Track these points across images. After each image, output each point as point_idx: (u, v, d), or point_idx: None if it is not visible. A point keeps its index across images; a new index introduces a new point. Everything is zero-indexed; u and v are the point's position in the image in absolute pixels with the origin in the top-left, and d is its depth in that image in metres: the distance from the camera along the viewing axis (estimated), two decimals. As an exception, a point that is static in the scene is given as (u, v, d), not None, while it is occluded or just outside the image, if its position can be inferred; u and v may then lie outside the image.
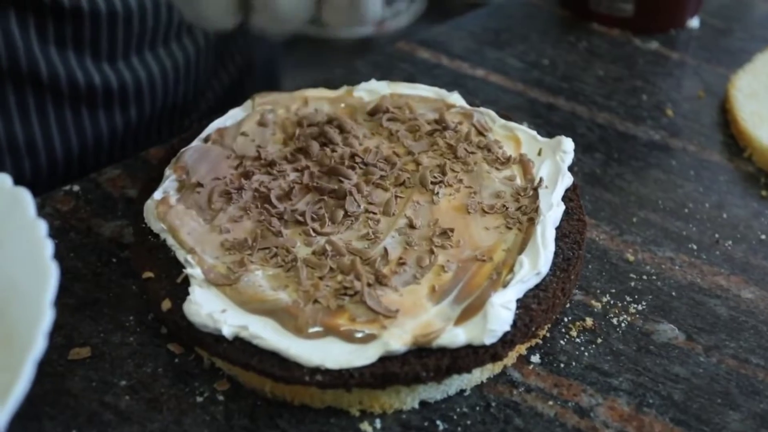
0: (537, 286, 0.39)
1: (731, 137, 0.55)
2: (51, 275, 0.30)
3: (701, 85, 0.60)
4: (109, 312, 0.41)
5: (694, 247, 0.46)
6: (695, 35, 0.66)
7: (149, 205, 0.41)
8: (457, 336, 0.36)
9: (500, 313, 0.36)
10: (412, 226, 0.41)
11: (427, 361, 0.36)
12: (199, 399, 0.38)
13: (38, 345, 0.27)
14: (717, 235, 0.47)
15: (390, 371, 0.35)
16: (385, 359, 0.35)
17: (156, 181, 0.44)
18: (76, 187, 0.49)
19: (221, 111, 0.50)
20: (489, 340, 0.36)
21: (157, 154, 0.51)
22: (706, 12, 0.68)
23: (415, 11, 1.42)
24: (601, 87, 0.60)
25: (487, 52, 0.63)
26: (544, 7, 0.69)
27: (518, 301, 0.38)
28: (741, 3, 0.70)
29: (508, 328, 0.36)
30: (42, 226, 0.32)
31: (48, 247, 0.31)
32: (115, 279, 0.43)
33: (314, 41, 1.39)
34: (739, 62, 0.62)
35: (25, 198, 0.33)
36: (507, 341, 0.37)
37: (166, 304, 0.38)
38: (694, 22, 0.67)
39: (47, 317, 0.28)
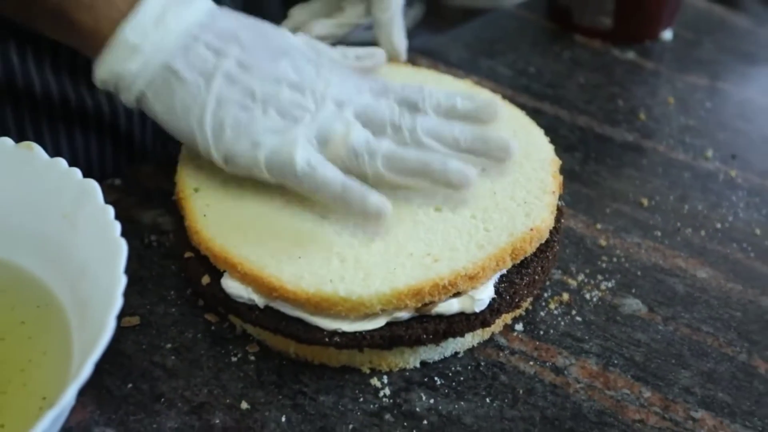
0: (520, 265, 0.46)
1: (695, 139, 0.62)
2: (122, 249, 0.36)
3: (672, 92, 0.67)
4: (153, 287, 0.48)
5: (659, 234, 0.53)
6: (668, 46, 0.73)
7: None
8: (452, 305, 0.43)
9: (486, 285, 0.43)
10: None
11: (427, 326, 0.42)
12: (234, 359, 0.44)
13: (117, 303, 0.34)
14: (679, 224, 0.54)
15: (396, 334, 0.42)
16: (392, 324, 0.42)
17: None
18: (117, 181, 0.56)
19: None
20: (478, 308, 0.43)
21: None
22: (679, 25, 0.75)
23: (414, 17, 1.48)
24: (582, 93, 0.67)
25: (480, 61, 0.70)
26: (533, 20, 0.76)
27: (503, 277, 0.45)
28: (711, 17, 0.77)
29: (493, 295, 0.43)
30: (110, 211, 0.39)
31: (117, 227, 0.38)
32: (156, 260, 0.50)
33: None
34: (708, 72, 0.69)
35: (95, 187, 0.40)
36: (494, 310, 0.44)
37: (205, 279, 0.45)
38: (667, 35, 0.74)
39: (122, 281, 0.35)
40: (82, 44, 0.46)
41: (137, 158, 0.63)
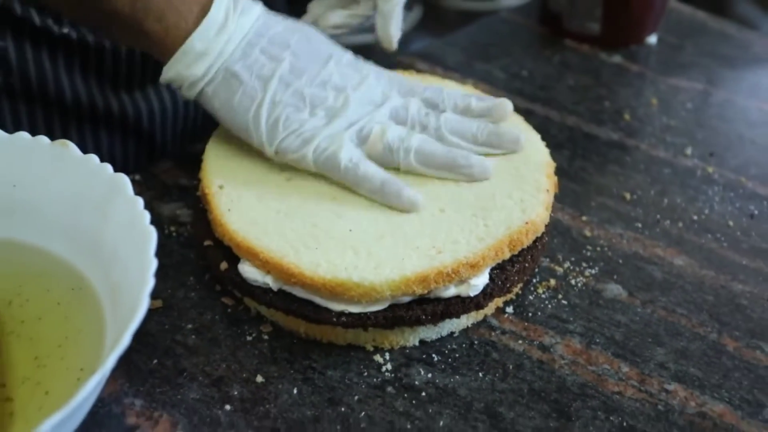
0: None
1: (676, 137, 0.66)
2: (152, 236, 0.41)
3: (655, 93, 0.72)
4: (174, 274, 0.52)
5: (640, 225, 0.57)
6: (653, 50, 0.77)
7: None
8: (449, 289, 0.47)
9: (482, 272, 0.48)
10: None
11: (426, 307, 0.47)
12: (249, 338, 0.49)
13: (150, 282, 0.38)
14: (658, 216, 0.58)
15: (397, 315, 0.46)
16: (394, 306, 0.46)
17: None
18: (137, 177, 0.60)
19: None
20: (473, 293, 0.47)
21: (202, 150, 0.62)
22: (663, 30, 0.79)
23: (412, 21, 1.53)
24: (571, 95, 0.71)
25: (476, 65, 0.75)
26: (525, 25, 0.81)
27: (497, 264, 0.49)
28: (693, 22, 0.82)
29: (487, 281, 0.47)
30: (140, 202, 0.43)
31: (147, 216, 0.42)
32: (176, 249, 0.54)
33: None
34: (690, 74, 0.73)
35: (125, 181, 0.44)
36: (487, 294, 0.48)
37: (223, 265, 0.49)
38: (652, 39, 0.78)
39: (153, 263, 0.39)
40: (152, 50, 0.51)
41: (157, 155, 0.67)
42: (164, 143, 0.68)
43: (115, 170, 0.45)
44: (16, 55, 0.59)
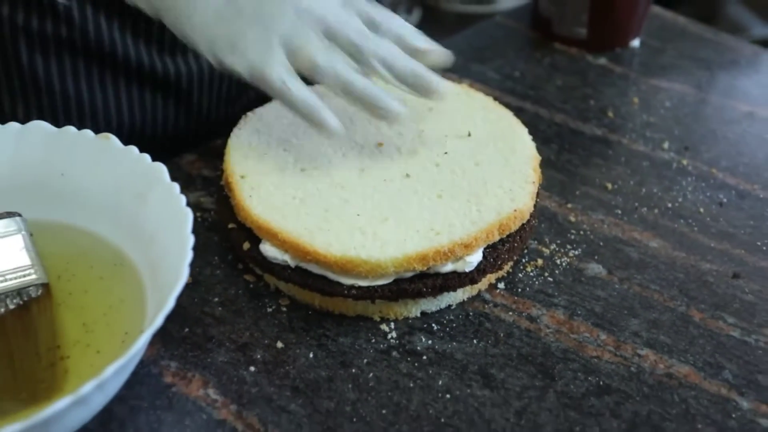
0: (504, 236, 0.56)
1: (654, 133, 0.72)
2: (188, 216, 0.46)
3: (637, 93, 0.78)
4: (200, 254, 0.58)
5: (619, 212, 0.63)
6: (636, 53, 0.83)
7: None
8: (446, 265, 0.53)
9: (476, 251, 0.54)
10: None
11: (426, 281, 0.53)
12: (269, 310, 0.55)
13: (189, 255, 0.44)
14: (636, 204, 0.64)
15: (402, 288, 0.52)
16: (398, 280, 0.52)
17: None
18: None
19: (264, 101, 0.65)
20: (468, 269, 0.53)
21: (223, 143, 0.68)
22: (646, 34, 0.85)
23: (412, 23, 1.59)
24: (559, 94, 0.77)
25: (472, 66, 0.81)
26: (518, 30, 0.87)
27: (490, 245, 0.55)
28: (674, 27, 0.88)
29: (480, 259, 0.53)
30: (176, 187, 0.49)
31: (183, 200, 0.48)
32: (201, 232, 0.60)
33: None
34: (669, 76, 0.80)
35: (162, 169, 0.50)
36: (480, 270, 0.54)
37: (246, 246, 0.55)
38: (635, 43, 0.84)
39: (191, 239, 0.45)
40: None
41: (192, 117, 0.74)
42: (201, 106, 0.74)
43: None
44: (79, 14, 0.66)
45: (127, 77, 0.70)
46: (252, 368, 0.51)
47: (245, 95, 0.78)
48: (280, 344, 0.52)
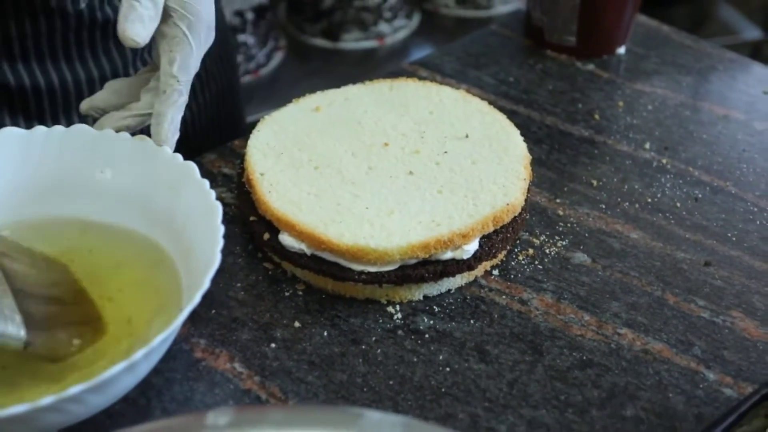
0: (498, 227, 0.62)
1: (637, 134, 0.78)
2: (218, 208, 0.53)
3: (622, 97, 0.84)
4: (223, 244, 0.64)
5: (603, 206, 0.70)
6: (622, 60, 0.89)
7: None
8: (446, 253, 0.59)
9: (473, 241, 0.60)
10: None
11: (428, 268, 0.59)
12: (287, 294, 0.61)
13: (220, 242, 0.50)
14: (619, 199, 0.70)
15: (406, 273, 0.58)
16: (404, 266, 0.59)
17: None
18: (187, 167, 0.72)
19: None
20: (465, 256, 0.59)
21: (241, 144, 0.74)
22: (632, 42, 0.91)
23: (411, 27, 1.65)
24: (550, 98, 0.83)
25: (469, 72, 0.87)
26: (512, 38, 0.93)
27: (485, 235, 0.61)
28: (658, 35, 0.94)
29: (477, 248, 0.60)
30: (206, 183, 0.55)
31: (212, 194, 0.54)
32: (224, 224, 0.66)
33: (324, 52, 1.62)
34: (652, 81, 0.86)
35: (193, 166, 0.56)
36: (476, 257, 0.60)
37: (266, 236, 0.61)
38: (621, 50, 0.90)
39: (221, 229, 0.51)
40: None
41: (195, 117, 0.79)
42: (198, 107, 0.79)
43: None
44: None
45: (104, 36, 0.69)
46: (273, 345, 0.57)
47: (223, 105, 0.83)
48: (297, 324, 0.58)
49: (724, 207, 0.70)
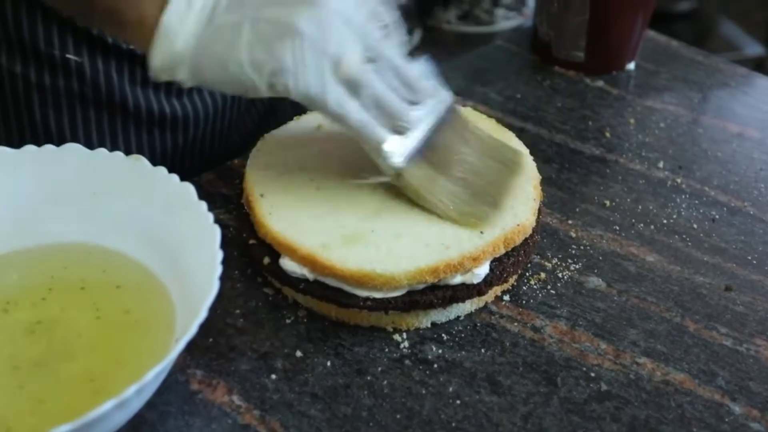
0: (509, 250, 0.59)
1: (650, 153, 0.76)
2: (217, 232, 0.50)
3: (633, 114, 0.81)
4: (222, 269, 0.61)
5: (617, 228, 0.67)
6: (632, 76, 0.87)
7: None
8: (456, 277, 0.56)
9: (483, 264, 0.57)
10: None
11: (437, 293, 0.56)
12: (288, 321, 0.58)
13: (218, 269, 0.47)
14: (633, 220, 0.68)
15: (413, 299, 0.56)
16: (411, 292, 0.56)
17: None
18: (184, 187, 0.69)
19: (261, 129, 0.68)
20: (476, 281, 0.57)
21: (240, 163, 0.71)
22: (641, 57, 0.89)
23: (413, 44, 1.63)
24: (559, 115, 0.81)
25: (475, 88, 0.84)
26: (518, 54, 0.90)
27: (496, 258, 0.58)
28: (668, 51, 0.92)
29: (487, 272, 0.57)
30: (204, 205, 0.52)
31: (210, 217, 0.51)
32: (221, 247, 0.63)
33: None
34: (663, 97, 0.83)
35: (190, 188, 0.53)
36: (487, 282, 0.57)
37: (266, 260, 0.58)
38: (631, 66, 0.88)
39: (220, 254, 0.48)
40: (135, 40, 0.54)
41: (200, 153, 0.77)
42: (205, 137, 0.78)
43: (164, 166, 0.54)
44: (90, 69, 0.69)
45: (137, 123, 0.73)
46: (273, 376, 0.54)
47: (243, 124, 0.82)
48: (299, 353, 0.55)
49: (742, 229, 0.67)
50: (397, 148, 0.57)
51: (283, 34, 0.51)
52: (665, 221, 0.68)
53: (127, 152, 0.73)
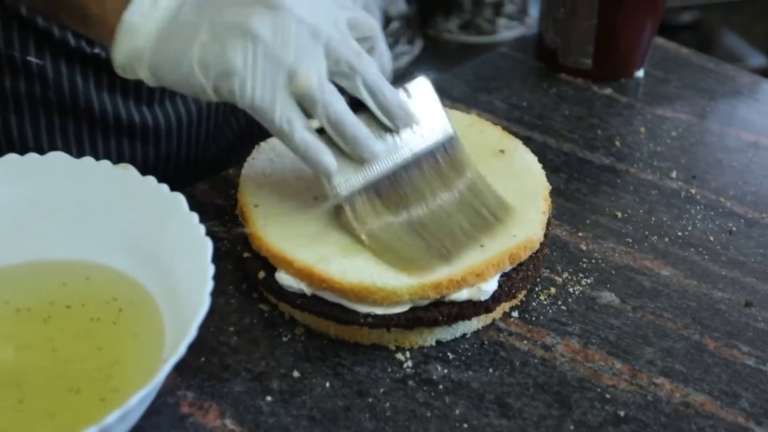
0: (517, 264, 0.56)
1: (662, 162, 0.73)
2: (208, 245, 0.47)
3: (643, 123, 0.79)
4: (214, 283, 0.58)
5: (630, 240, 0.64)
6: (641, 83, 0.84)
7: None
8: (462, 293, 0.53)
9: (491, 280, 0.54)
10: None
11: (442, 309, 0.53)
12: (285, 339, 0.55)
13: (210, 284, 0.44)
14: (647, 233, 0.65)
15: (417, 316, 0.53)
16: (414, 308, 0.53)
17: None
18: (176, 197, 0.66)
19: (242, 141, 0.66)
20: (484, 297, 0.53)
21: (235, 172, 0.68)
22: (650, 65, 0.86)
23: (414, 54, 1.61)
24: (566, 123, 0.78)
25: (479, 96, 0.82)
26: (523, 61, 0.88)
27: (504, 273, 0.55)
28: (678, 58, 0.89)
29: (496, 287, 0.54)
30: (195, 216, 0.49)
31: (202, 229, 0.48)
32: (215, 261, 0.60)
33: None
34: (674, 105, 0.81)
35: (181, 198, 0.50)
36: (495, 298, 0.54)
37: (261, 274, 0.55)
38: (640, 73, 0.85)
39: (211, 269, 0.45)
40: (99, 34, 0.53)
41: (174, 163, 0.74)
42: (179, 151, 0.74)
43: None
44: (53, 72, 0.66)
45: (104, 130, 0.69)
46: (269, 398, 0.51)
47: (222, 134, 0.78)
48: (296, 373, 0.52)
49: (761, 241, 0.64)
50: (345, 177, 0.53)
51: (237, 36, 0.47)
52: (680, 233, 0.65)
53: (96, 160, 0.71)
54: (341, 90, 0.51)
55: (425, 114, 0.56)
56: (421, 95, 0.57)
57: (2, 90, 0.66)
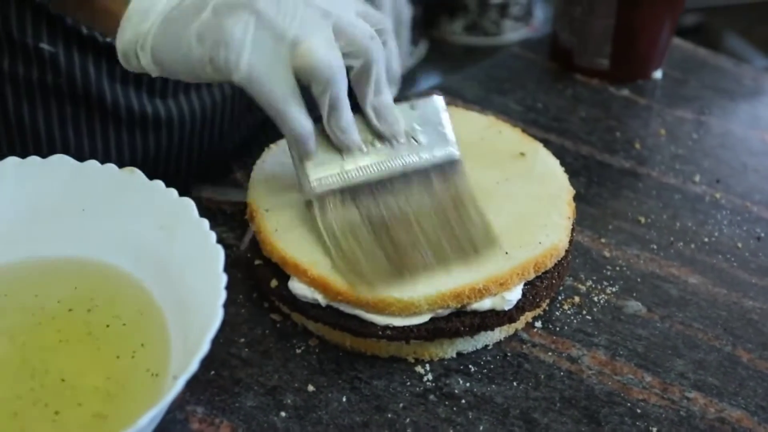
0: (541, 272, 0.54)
1: (684, 165, 0.71)
2: (220, 253, 0.44)
3: (663, 125, 0.76)
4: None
5: (655, 247, 0.61)
6: (659, 84, 0.82)
7: None
8: (485, 303, 0.51)
9: (515, 289, 0.51)
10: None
11: (464, 320, 0.50)
12: (298, 351, 0.52)
13: (222, 294, 0.42)
14: (672, 239, 0.62)
15: (438, 327, 0.50)
16: (434, 319, 0.50)
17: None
18: (182, 202, 0.64)
19: (256, 139, 0.63)
20: (507, 307, 0.51)
21: (244, 176, 0.66)
22: (668, 65, 0.84)
23: (419, 55, 1.58)
24: (584, 126, 0.76)
25: (493, 98, 0.79)
26: (538, 62, 0.85)
27: (527, 282, 0.53)
28: (696, 58, 0.87)
29: (519, 296, 0.51)
30: (206, 223, 0.47)
31: (213, 236, 0.46)
32: (224, 269, 0.58)
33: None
34: (693, 107, 0.78)
35: (190, 204, 0.48)
36: (519, 308, 0.52)
37: (273, 283, 0.53)
38: (657, 74, 0.83)
39: (224, 278, 0.43)
40: (103, 21, 0.52)
41: (185, 157, 0.72)
42: (192, 144, 0.72)
43: (145, 171, 0.49)
44: (65, 60, 0.64)
45: (116, 122, 0.68)
46: (282, 413, 0.48)
47: (237, 132, 0.76)
48: (311, 387, 0.50)
49: (791, 247, 0.62)
50: (324, 175, 0.50)
51: (239, 11, 0.45)
52: (706, 239, 0.62)
53: (106, 151, 0.69)
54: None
55: (428, 132, 0.53)
56: (429, 112, 0.54)
57: (15, 77, 0.65)
